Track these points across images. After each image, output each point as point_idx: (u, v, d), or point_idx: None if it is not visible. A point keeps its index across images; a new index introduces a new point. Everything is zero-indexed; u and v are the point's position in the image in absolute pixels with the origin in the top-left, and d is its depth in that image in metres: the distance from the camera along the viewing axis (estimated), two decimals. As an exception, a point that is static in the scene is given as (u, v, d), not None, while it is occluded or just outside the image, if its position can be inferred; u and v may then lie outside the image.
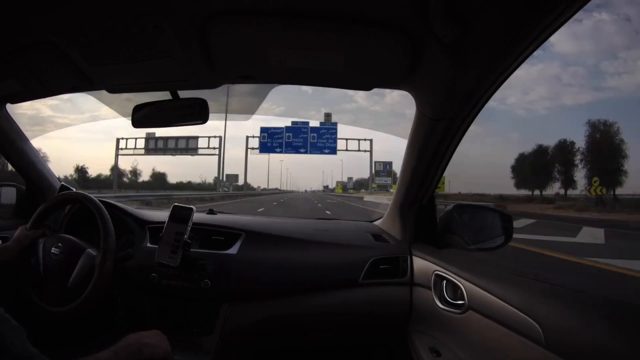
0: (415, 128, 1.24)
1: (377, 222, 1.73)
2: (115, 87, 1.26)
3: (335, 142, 31.88)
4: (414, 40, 0.89)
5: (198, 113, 1.31)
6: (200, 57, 1.02)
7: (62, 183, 1.72)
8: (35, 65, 1.12)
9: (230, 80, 1.23)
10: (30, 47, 1.02)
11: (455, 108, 1.09)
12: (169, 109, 1.34)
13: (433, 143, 1.23)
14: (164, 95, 1.32)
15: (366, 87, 1.17)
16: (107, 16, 0.89)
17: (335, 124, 32.24)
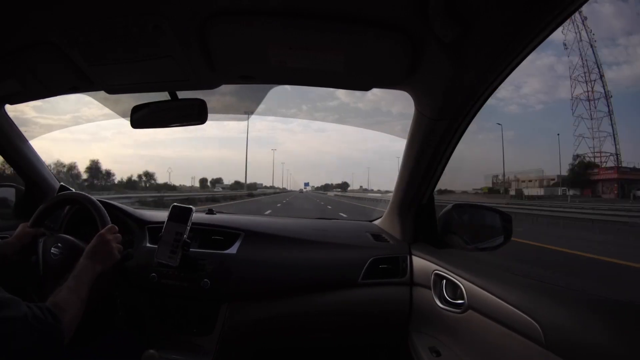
0: (414, 128, 1.24)
1: (376, 222, 1.73)
2: (114, 88, 1.25)
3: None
4: (414, 40, 0.89)
5: (197, 114, 1.31)
6: (200, 57, 1.02)
7: (62, 183, 1.72)
8: (35, 65, 1.12)
9: (230, 81, 1.23)
10: (30, 47, 1.02)
11: (454, 108, 1.09)
12: (167, 110, 1.34)
13: (432, 143, 1.23)
14: (162, 96, 1.32)
15: (366, 87, 1.17)
16: (107, 16, 0.89)
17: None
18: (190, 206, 1.39)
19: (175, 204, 1.42)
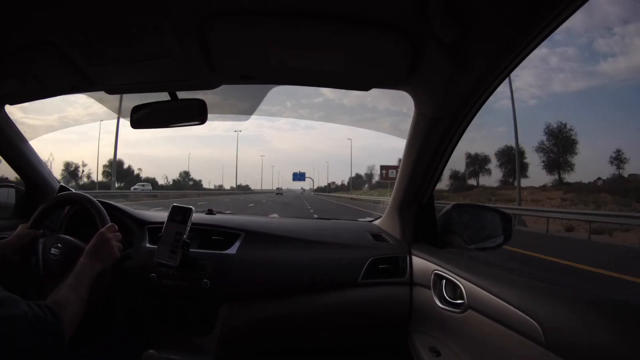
0: (414, 127, 1.24)
1: (376, 222, 1.73)
2: (114, 88, 1.25)
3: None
4: (414, 40, 0.89)
5: (197, 114, 1.31)
6: (200, 57, 1.02)
7: (61, 184, 1.72)
8: (35, 66, 1.12)
9: (230, 81, 1.23)
10: (30, 47, 1.02)
11: (454, 108, 1.09)
12: (167, 110, 1.34)
13: (432, 143, 1.23)
14: (162, 97, 1.32)
15: (366, 87, 1.17)
16: (107, 16, 0.89)
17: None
18: (190, 206, 1.39)
19: (175, 204, 1.42)
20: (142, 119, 1.36)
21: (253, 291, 1.38)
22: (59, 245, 1.25)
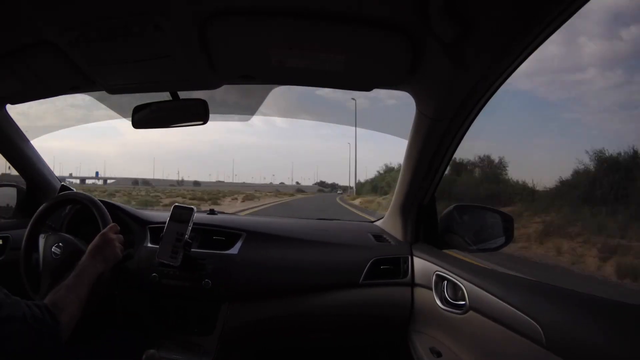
0: (415, 128, 1.24)
1: (378, 223, 1.73)
2: (115, 88, 1.25)
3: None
4: (414, 40, 0.89)
5: (199, 114, 1.31)
6: (200, 57, 1.02)
7: (63, 183, 1.72)
8: (36, 65, 1.12)
9: (230, 81, 1.23)
10: (30, 47, 1.02)
11: (455, 108, 1.08)
12: (169, 110, 1.34)
13: (433, 143, 1.22)
14: (164, 97, 1.32)
15: (366, 87, 1.17)
16: (107, 16, 0.89)
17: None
18: (192, 206, 1.39)
19: (176, 204, 1.42)
20: (143, 119, 1.36)
21: (254, 291, 1.38)
22: (60, 244, 1.25)
